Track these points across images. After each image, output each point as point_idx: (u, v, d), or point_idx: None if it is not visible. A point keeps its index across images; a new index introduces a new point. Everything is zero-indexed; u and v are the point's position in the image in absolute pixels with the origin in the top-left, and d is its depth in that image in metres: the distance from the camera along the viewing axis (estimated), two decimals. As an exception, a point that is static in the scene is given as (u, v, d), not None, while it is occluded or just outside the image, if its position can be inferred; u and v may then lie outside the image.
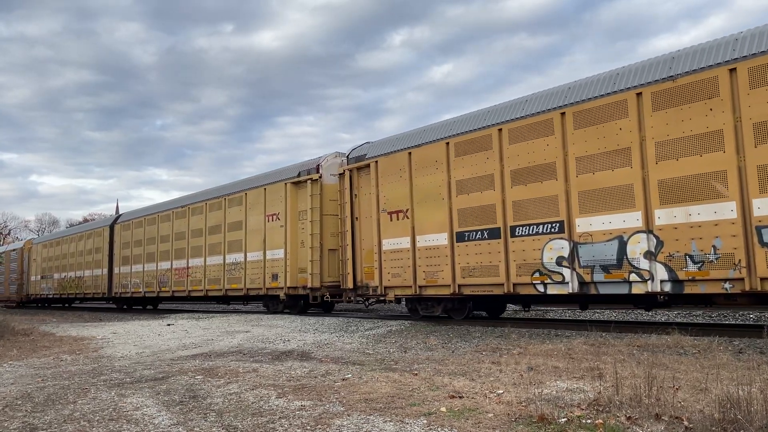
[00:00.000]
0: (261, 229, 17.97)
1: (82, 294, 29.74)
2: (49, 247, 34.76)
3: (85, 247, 29.90)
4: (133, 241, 25.65)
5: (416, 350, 8.92)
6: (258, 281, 17.98)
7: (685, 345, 7.99)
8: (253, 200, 18.57)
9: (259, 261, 17.95)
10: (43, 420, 5.12)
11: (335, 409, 5.04)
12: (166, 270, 23.03)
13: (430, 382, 6.10)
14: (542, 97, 11.38)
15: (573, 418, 4.33)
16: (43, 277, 34.57)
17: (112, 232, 27.59)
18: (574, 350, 8.01)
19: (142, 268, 24.73)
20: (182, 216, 22.23)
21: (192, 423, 4.80)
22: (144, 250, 24.69)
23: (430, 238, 12.94)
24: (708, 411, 4.28)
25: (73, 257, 31.20)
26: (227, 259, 19.46)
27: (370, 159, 14.68)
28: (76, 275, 30.54)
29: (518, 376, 6.32)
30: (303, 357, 8.57)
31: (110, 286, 27.15)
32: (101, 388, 6.47)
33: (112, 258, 27.25)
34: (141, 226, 25.22)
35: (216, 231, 20.14)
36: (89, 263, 29.29)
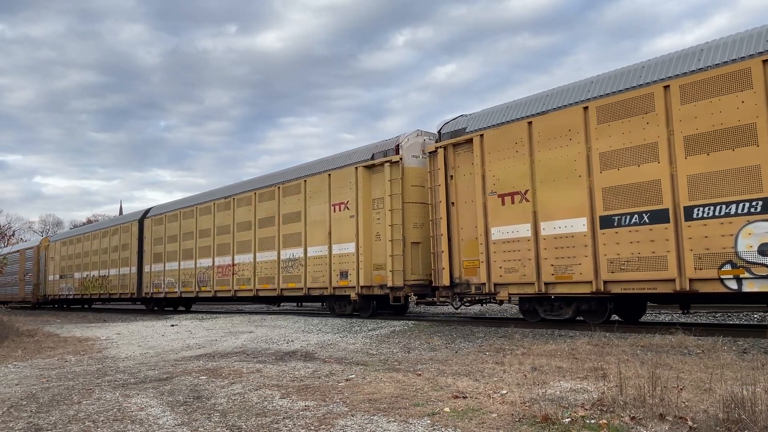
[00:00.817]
0: (325, 221, 15.90)
1: (107, 294, 27.74)
2: (68, 244, 32.63)
3: (110, 243, 27.82)
4: (166, 236, 23.58)
5: (419, 350, 8.93)
6: (322, 279, 15.89)
7: (689, 345, 7.97)
8: (314, 188, 16.45)
9: (324, 257, 15.87)
10: (47, 420, 5.13)
11: (339, 410, 5.05)
12: (206, 268, 20.86)
13: (433, 383, 6.10)
14: (733, 43, 9.08)
15: (577, 419, 4.33)
16: (62, 277, 32.64)
17: (142, 228, 25.53)
18: (578, 350, 8.00)
19: (177, 266, 22.64)
20: (225, 208, 20.12)
21: (196, 423, 4.82)
22: (180, 246, 22.58)
23: (560, 224, 10.67)
24: (712, 411, 4.27)
25: (96, 255, 29.14)
26: (282, 254, 17.32)
27: (471, 133, 12.38)
28: (99, 274, 28.51)
29: (522, 376, 6.32)
30: (307, 357, 8.58)
31: (140, 285, 25.18)
32: (106, 389, 6.49)
33: (142, 255, 25.23)
34: (176, 219, 23.06)
35: (268, 223, 18.03)
36: (115, 261, 27.30)
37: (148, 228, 25.05)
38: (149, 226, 25.01)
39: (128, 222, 26.85)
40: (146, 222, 25.33)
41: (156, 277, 24.12)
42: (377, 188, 14.82)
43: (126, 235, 26.64)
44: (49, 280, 34.13)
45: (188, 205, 22.69)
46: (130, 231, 26.32)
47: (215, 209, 20.71)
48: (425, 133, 14.62)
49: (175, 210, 23.45)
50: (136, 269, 25.46)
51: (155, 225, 24.54)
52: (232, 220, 19.68)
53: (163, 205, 25.51)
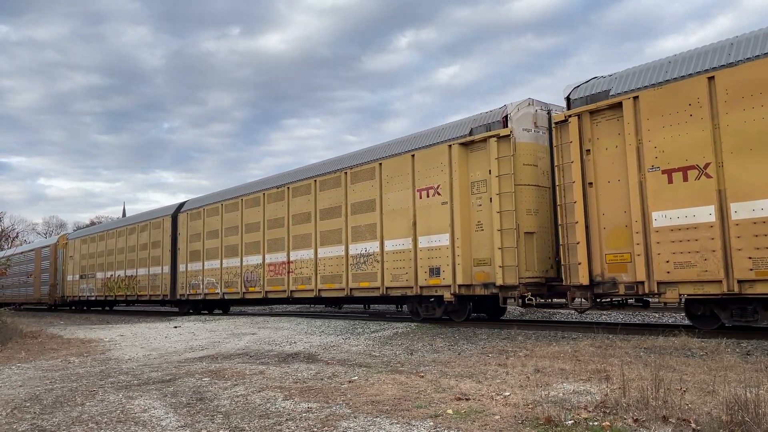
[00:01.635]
0: (408, 209, 13.72)
1: (135, 296, 25.40)
2: (90, 242, 29.95)
3: (138, 241, 25.41)
4: (205, 232, 21.28)
5: (422, 352, 8.93)
6: (405, 277, 13.68)
7: (692, 347, 7.96)
8: (392, 171, 14.23)
9: (406, 251, 13.67)
10: (51, 422, 5.15)
11: (342, 411, 5.05)
12: (255, 266, 18.64)
13: (436, 384, 6.10)
14: None
15: (580, 420, 4.33)
16: (82, 277, 30.17)
17: (175, 223, 23.17)
18: (581, 352, 7.99)
19: (219, 265, 20.33)
20: (278, 198, 17.89)
21: (199, 425, 4.83)
22: (222, 242, 20.32)
23: (763, 205, 8.47)
24: (715, 413, 4.27)
25: (121, 253, 26.71)
26: (352, 249, 15.09)
27: (619, 96, 10.17)
28: (126, 274, 26.13)
29: (525, 378, 6.31)
30: (309, 359, 8.59)
31: (174, 286, 22.83)
32: (109, 390, 6.50)
33: (176, 253, 22.88)
34: (216, 213, 20.78)
35: (332, 214, 15.80)
36: (144, 260, 24.91)
37: (183, 223, 22.71)
38: (184, 221, 22.67)
39: (159, 217, 24.46)
40: (180, 217, 22.96)
41: (193, 276, 21.83)
42: (477, 169, 12.55)
43: (157, 231, 24.24)
44: (68, 281, 31.91)
45: (232, 197, 20.39)
46: (161, 227, 23.93)
47: (265, 200, 18.43)
48: (540, 102, 12.59)
49: (215, 203, 21.17)
50: (169, 269, 23.21)
51: (192, 220, 22.25)
52: (286, 211, 17.49)
53: (200, 198, 23.30)
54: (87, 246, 30.24)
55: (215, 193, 22.39)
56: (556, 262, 11.74)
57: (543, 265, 11.92)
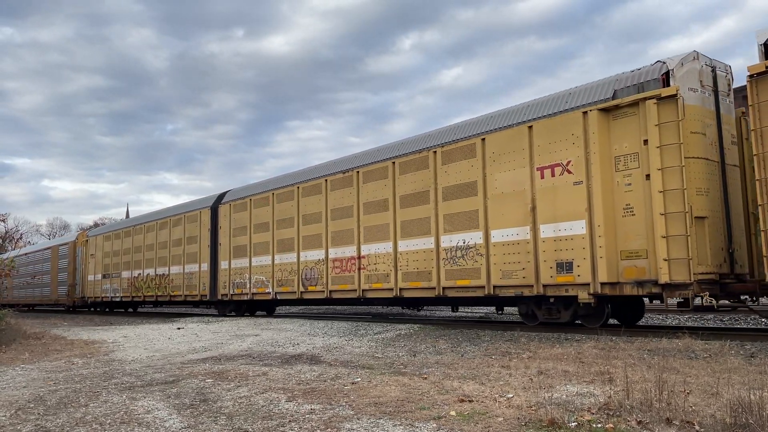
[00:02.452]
0: (523, 192, 11.45)
1: (167, 297, 23.39)
2: (113, 239, 27.87)
3: (171, 236, 23.34)
4: (252, 225, 19.13)
5: (425, 354, 8.92)
6: (521, 274, 11.43)
7: (696, 349, 7.94)
8: (500, 147, 11.97)
9: (521, 242, 11.44)
10: (55, 423, 5.16)
11: (345, 413, 5.06)
12: (316, 262, 16.49)
13: (439, 386, 6.10)
14: None
15: (583, 423, 4.32)
16: (105, 276, 28.15)
17: (215, 216, 20.99)
18: (584, 354, 7.98)
19: (270, 261, 18.17)
20: (344, 184, 15.78)
21: (203, 426, 4.83)
22: (273, 235, 18.16)
23: None
24: (719, 415, 4.26)
25: (151, 251, 24.73)
26: (445, 241, 12.94)
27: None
28: (156, 273, 24.14)
29: (528, 380, 6.31)
30: (312, 360, 8.59)
31: (214, 285, 20.73)
32: (112, 392, 6.52)
33: (216, 249, 20.75)
34: (266, 203, 18.61)
35: (416, 200, 13.68)
36: (178, 257, 22.82)
37: (225, 216, 20.52)
38: (226, 213, 20.48)
39: (196, 210, 22.23)
40: (222, 209, 20.75)
41: (238, 274, 19.66)
42: (623, 140, 10.35)
43: (193, 225, 22.09)
44: (89, 281, 29.73)
45: (285, 185, 18.16)
46: (198, 220, 21.80)
47: (327, 187, 16.35)
48: (702, 56, 10.51)
49: (264, 192, 18.95)
50: (207, 266, 21.09)
51: (235, 212, 20.06)
52: (355, 199, 15.37)
53: (245, 188, 20.87)
54: (110, 243, 28.15)
55: (263, 182, 20.13)
56: (729, 254, 9.95)
57: (716, 258, 9.88)
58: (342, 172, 16.02)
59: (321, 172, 17.00)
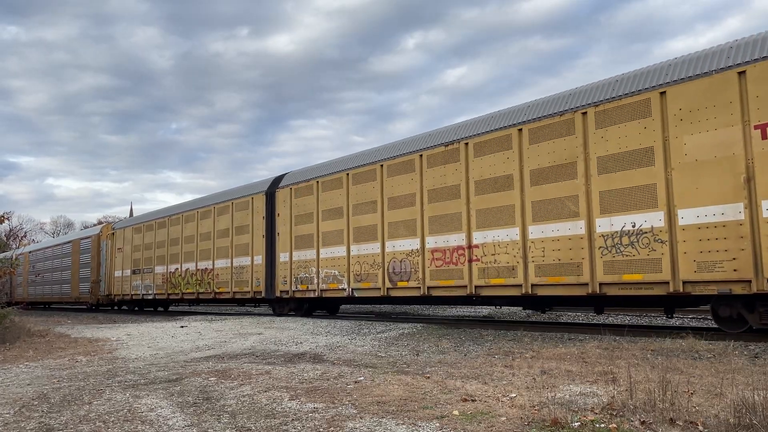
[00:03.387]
0: (732, 157, 9.03)
1: (212, 294, 20.65)
2: (145, 231, 25.39)
3: (216, 226, 20.79)
4: (321, 210, 16.56)
5: (428, 353, 8.92)
6: (728, 266, 8.89)
7: (699, 349, 7.92)
8: (691, 102, 9.55)
9: (730, 224, 8.92)
10: (59, 420, 5.18)
11: (348, 412, 5.06)
12: (407, 252, 13.87)
13: (442, 386, 6.10)
14: None
15: (586, 423, 4.32)
16: (135, 272, 25.67)
17: (272, 202, 18.46)
18: (588, 354, 7.97)
19: (344, 252, 15.59)
20: (447, 160, 13.22)
21: (206, 424, 4.84)
22: (348, 222, 15.59)
23: None
24: (723, 416, 4.25)
25: (191, 243, 22.14)
26: (602, 225, 10.44)
27: None
28: (198, 268, 21.52)
29: (531, 379, 6.30)
30: (315, 359, 8.60)
31: (271, 281, 18.15)
32: (116, 389, 6.53)
33: (273, 239, 18.23)
34: (338, 185, 16.03)
35: (556, 175, 11.18)
36: (224, 249, 20.29)
37: (284, 201, 17.99)
38: (286, 199, 17.95)
39: (247, 196, 19.62)
40: (280, 194, 18.23)
41: (302, 268, 17.05)
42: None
43: (243, 213, 19.58)
44: (115, 277, 27.24)
45: (364, 163, 15.50)
46: (250, 207, 19.29)
47: (422, 165, 13.76)
48: None
49: (336, 173, 16.33)
50: (262, 259, 18.56)
51: (298, 196, 17.48)
52: (463, 177, 12.77)
53: (308, 169, 18.08)
54: (141, 236, 25.67)
55: (333, 161, 17.33)
56: None
57: None
58: (444, 145, 13.41)
59: (413, 146, 14.36)
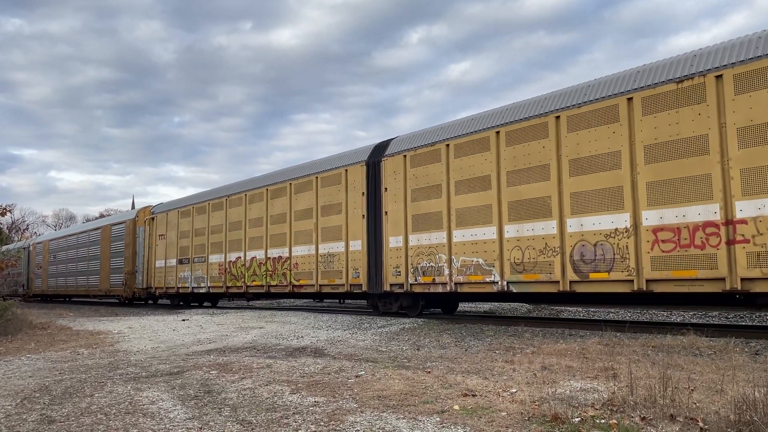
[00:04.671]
0: None
1: (288, 286, 17.07)
2: (196, 214, 21.85)
3: (293, 206, 17.21)
4: (452, 181, 12.69)
5: (429, 348, 8.93)
6: None
7: (700, 346, 7.92)
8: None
9: None
10: (60, 413, 5.20)
11: (348, 406, 5.07)
12: (607, 233, 10.00)
13: (443, 380, 6.11)
14: None
15: (587, 418, 4.32)
16: (182, 261, 22.36)
17: (376, 174, 14.72)
18: (588, 350, 7.97)
19: (495, 233, 11.72)
20: (685, 100, 9.20)
21: (207, 417, 4.86)
22: (499, 195, 11.74)
23: None
24: (723, 412, 4.25)
25: (258, 226, 18.56)
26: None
27: None
28: (268, 256, 17.99)
29: (532, 375, 6.31)
30: (316, 353, 8.61)
31: (376, 271, 14.46)
32: (117, 382, 6.55)
33: (379, 220, 14.54)
34: (483, 147, 12.14)
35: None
36: (305, 234, 16.59)
37: (394, 173, 14.23)
38: (396, 169, 14.18)
39: (338, 168, 15.84)
40: (388, 164, 14.44)
41: (424, 255, 13.29)
42: None
43: (333, 189, 15.88)
44: (156, 267, 24.03)
45: (523, 117, 11.56)
46: (343, 182, 15.59)
47: (633, 113, 9.84)
48: None
49: (478, 132, 12.34)
50: (362, 245, 14.87)
51: (416, 165, 13.71)
52: (715, 121, 8.86)
53: (429, 131, 13.95)
54: (190, 220, 22.19)
55: (469, 119, 13.09)
56: None
57: None
58: (676, 82, 9.34)
59: (617, 87, 10.25)
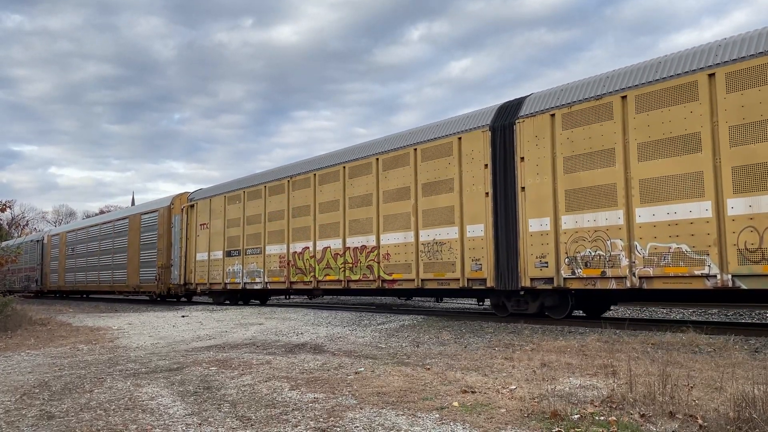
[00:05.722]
0: None
1: (377, 280, 14.25)
2: (247, 199, 19.15)
3: (381, 186, 14.37)
4: (633, 142, 9.79)
5: (429, 345, 8.93)
6: None
7: (700, 343, 7.92)
8: None
9: None
10: (60, 408, 5.20)
11: (348, 402, 5.07)
12: None
13: (442, 377, 6.11)
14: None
15: (586, 415, 4.32)
16: (230, 254, 19.69)
17: (506, 140, 11.73)
18: (588, 347, 7.97)
19: (710, 211, 8.79)
20: None
21: (206, 413, 4.86)
22: (716, 157, 8.78)
23: None
24: (723, 410, 4.25)
25: (331, 210, 15.79)
26: None
27: None
28: (347, 245, 15.18)
29: (531, 372, 6.31)
30: (316, 350, 8.61)
31: (508, 263, 11.46)
32: (117, 378, 6.55)
33: (510, 198, 11.53)
34: (689, 96, 9.08)
35: None
36: (400, 218, 13.74)
37: (535, 137, 11.19)
38: (538, 132, 11.16)
39: (447, 137, 12.97)
40: (524, 127, 11.38)
41: (582, 241, 10.46)
42: None
43: (439, 163, 13.00)
44: (197, 261, 21.34)
45: (741, 57, 8.59)
46: (454, 153, 12.68)
47: None
48: None
49: (679, 77, 9.30)
50: (486, 229, 11.93)
51: (570, 126, 10.74)
52: None
53: (587, 83, 10.89)
54: (240, 206, 19.43)
55: (651, 63, 10.01)
56: None
57: None
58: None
59: None
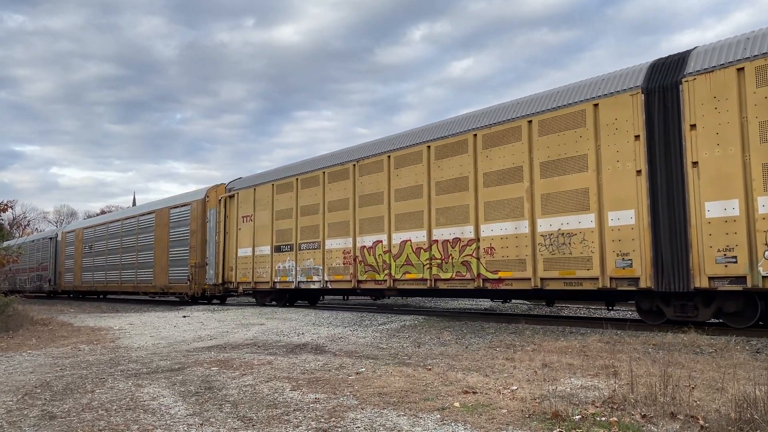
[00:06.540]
0: None
1: (476, 279, 12.13)
2: (300, 187, 17.17)
3: (480, 168, 12.26)
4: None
5: (430, 345, 8.93)
6: None
7: (701, 344, 7.92)
8: None
9: None
10: (61, 408, 5.20)
11: (349, 403, 5.07)
12: None
13: (443, 377, 6.11)
14: None
15: (587, 416, 4.32)
16: (281, 249, 17.69)
17: (668, 104, 9.44)
18: (589, 348, 7.97)
19: None
20: None
21: (208, 413, 4.86)
22: None
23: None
24: (724, 411, 4.25)
25: (410, 198, 13.80)
26: None
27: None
28: (433, 238, 13.13)
29: (532, 372, 6.31)
30: (317, 350, 8.62)
31: (672, 258, 9.23)
32: (118, 378, 6.56)
33: (673, 176, 9.36)
34: None
35: None
36: (505, 205, 11.74)
37: (715, 98, 8.91)
38: (718, 92, 8.89)
39: (577, 104, 10.78)
40: (695, 86, 9.15)
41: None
42: None
43: (568, 136, 10.79)
44: (239, 257, 19.39)
45: None
46: (590, 123, 10.48)
47: None
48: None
49: None
50: (638, 215, 9.75)
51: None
52: None
53: None
54: (291, 195, 17.47)
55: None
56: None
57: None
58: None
59: None
